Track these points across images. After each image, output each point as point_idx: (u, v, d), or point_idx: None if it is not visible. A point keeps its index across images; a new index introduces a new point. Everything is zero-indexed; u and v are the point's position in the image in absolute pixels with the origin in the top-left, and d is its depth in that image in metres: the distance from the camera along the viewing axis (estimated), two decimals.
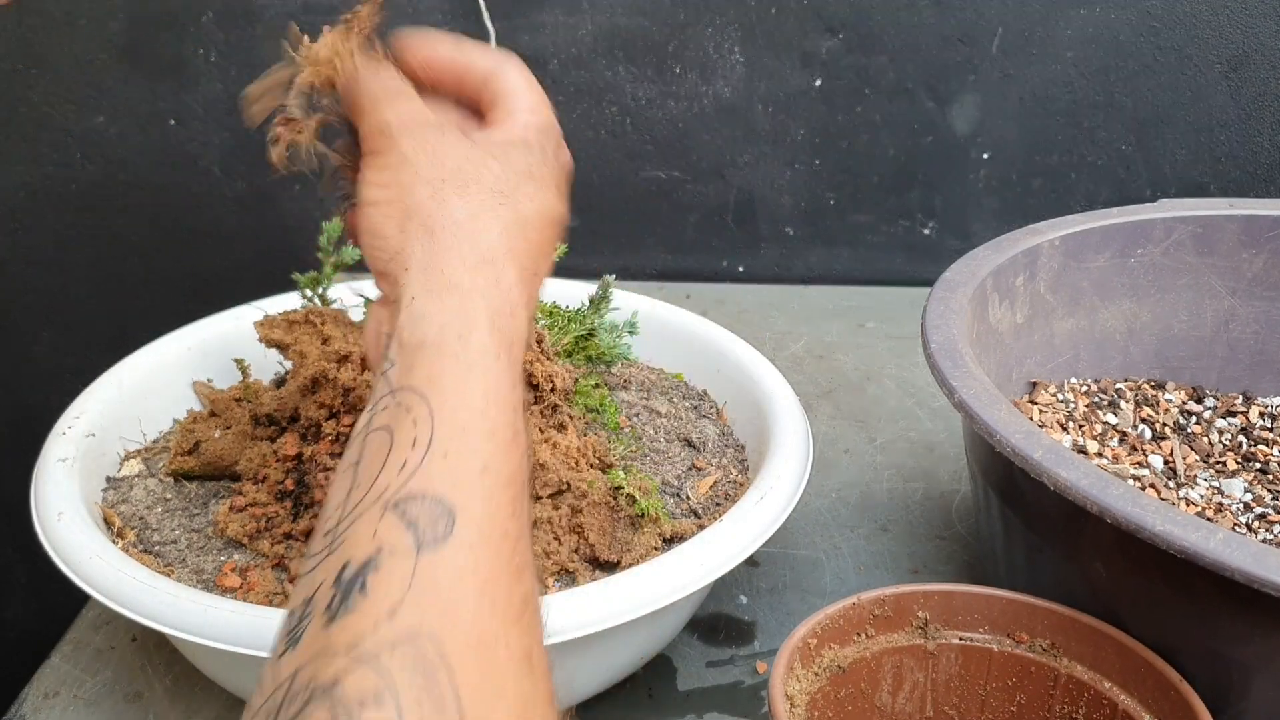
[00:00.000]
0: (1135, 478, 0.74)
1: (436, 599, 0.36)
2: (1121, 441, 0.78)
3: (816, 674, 0.55)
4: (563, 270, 0.86)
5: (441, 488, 0.38)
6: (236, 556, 0.67)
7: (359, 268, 0.84)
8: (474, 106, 0.53)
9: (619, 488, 0.68)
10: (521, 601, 0.38)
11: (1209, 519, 0.70)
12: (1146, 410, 0.81)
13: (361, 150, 0.50)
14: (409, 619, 0.35)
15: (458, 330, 0.43)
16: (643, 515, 0.67)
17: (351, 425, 0.69)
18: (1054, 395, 0.80)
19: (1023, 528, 0.63)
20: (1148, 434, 0.79)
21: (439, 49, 0.52)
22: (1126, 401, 0.81)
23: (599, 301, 0.81)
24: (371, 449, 0.41)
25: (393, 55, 0.52)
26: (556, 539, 0.66)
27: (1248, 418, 0.82)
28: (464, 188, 0.47)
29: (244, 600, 0.62)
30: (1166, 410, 0.82)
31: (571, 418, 0.73)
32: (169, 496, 0.72)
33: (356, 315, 0.79)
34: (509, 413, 0.42)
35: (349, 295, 0.80)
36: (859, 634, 0.57)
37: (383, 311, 0.50)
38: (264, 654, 0.55)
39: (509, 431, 0.42)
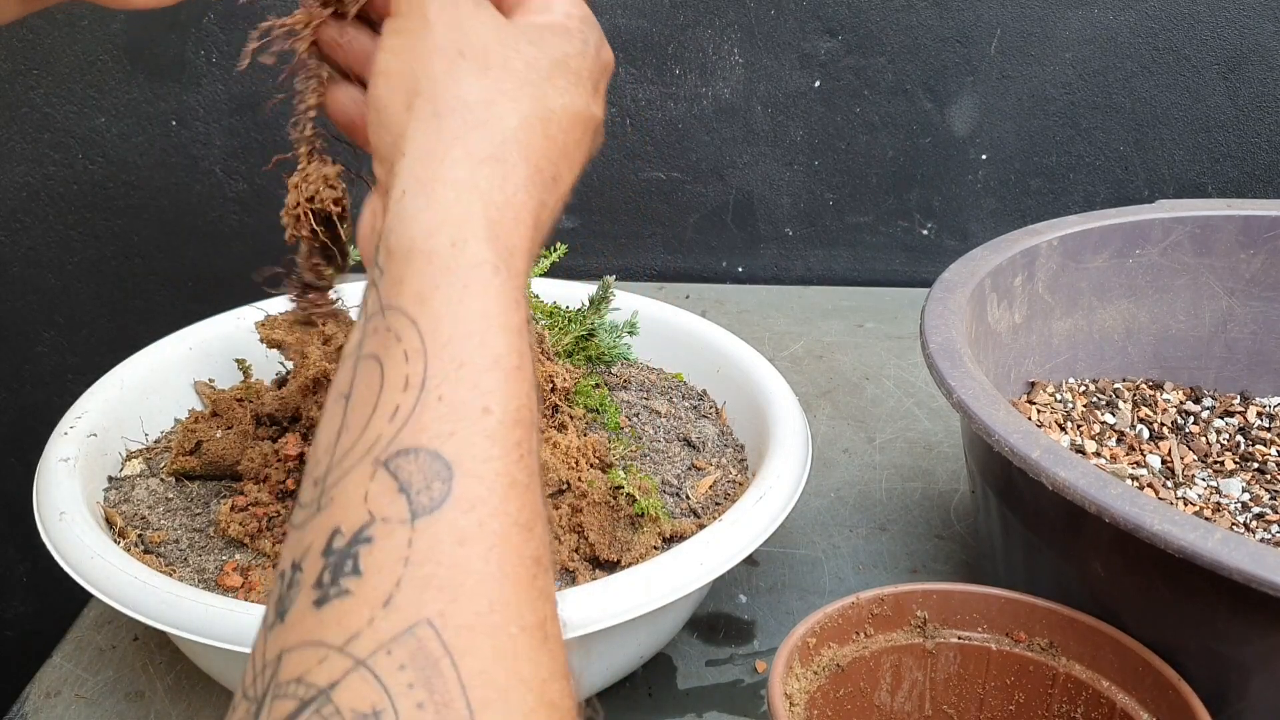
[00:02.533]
0: (1133, 477, 0.74)
1: (436, 575, 0.32)
2: (1119, 441, 0.78)
3: (815, 673, 0.55)
4: (563, 270, 0.87)
5: (436, 440, 0.34)
6: (238, 556, 0.67)
7: (360, 269, 0.84)
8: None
9: (619, 487, 0.68)
10: (534, 562, 0.34)
11: (1207, 518, 0.70)
12: (1144, 410, 0.81)
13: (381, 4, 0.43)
14: (406, 607, 0.31)
15: (450, 236, 0.37)
16: (642, 515, 0.67)
17: None
18: (1052, 395, 0.80)
19: (1021, 527, 0.63)
20: (1146, 434, 0.79)
21: None
22: (1124, 401, 0.81)
23: (599, 302, 0.81)
24: (362, 383, 0.36)
25: None
26: (556, 538, 0.66)
27: (1245, 418, 0.82)
28: (485, 69, 0.40)
29: (245, 600, 0.63)
30: (1164, 410, 0.82)
31: (572, 418, 0.73)
32: (170, 496, 0.72)
33: (357, 315, 0.79)
34: (512, 337, 0.37)
35: (350, 295, 0.80)
36: (858, 633, 0.57)
37: (379, 204, 0.43)
38: None
39: (514, 359, 0.36)
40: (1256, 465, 0.77)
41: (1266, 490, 0.74)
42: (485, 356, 0.36)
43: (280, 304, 0.84)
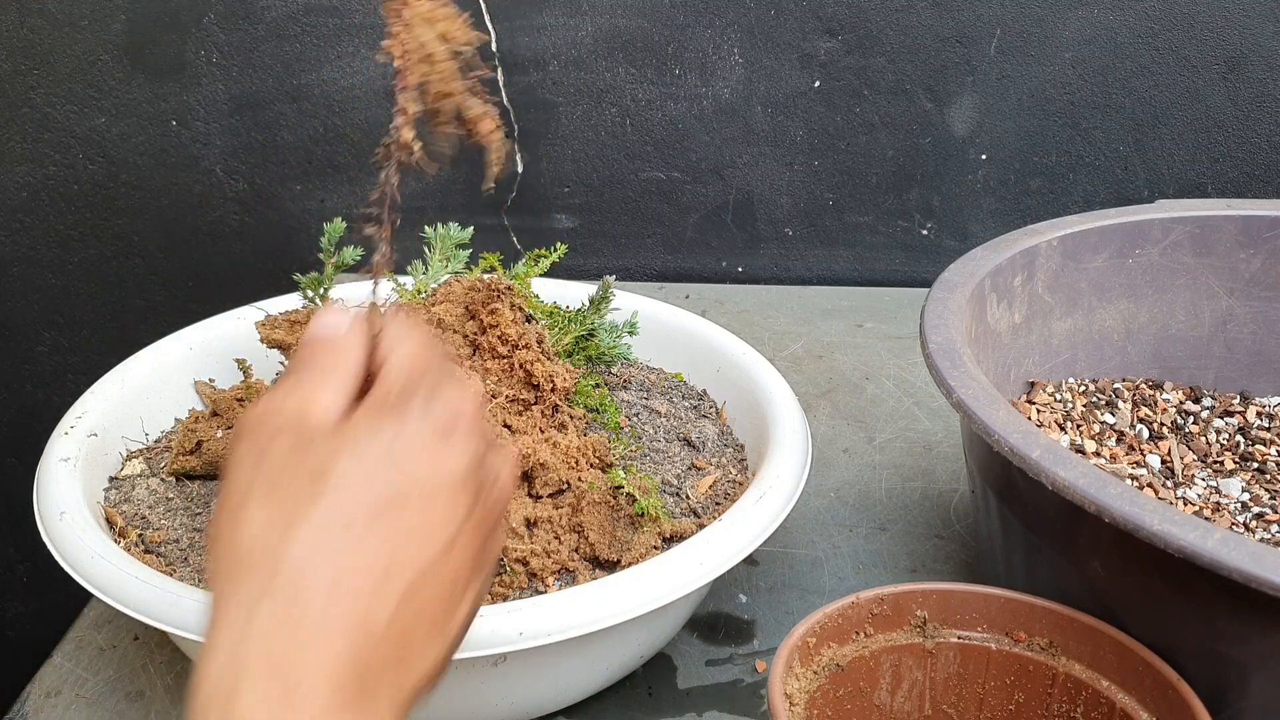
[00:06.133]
0: (1133, 477, 0.74)
1: None
2: (1119, 441, 0.78)
3: (815, 672, 0.56)
4: (563, 270, 0.87)
5: None
6: None
7: (360, 268, 0.85)
8: None
9: (619, 487, 0.68)
10: None
11: (1207, 518, 0.70)
12: (1144, 410, 0.81)
13: None
14: None
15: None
16: (642, 514, 0.67)
17: None
18: (1052, 395, 0.80)
19: (1021, 527, 0.63)
20: (1145, 434, 0.79)
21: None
22: (1124, 401, 0.81)
23: (599, 302, 0.81)
24: None
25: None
26: (556, 538, 0.66)
27: (1245, 417, 0.82)
28: (268, 495, 0.40)
29: None
30: (1164, 410, 0.82)
31: (572, 417, 0.73)
32: (171, 496, 0.72)
33: None
34: None
35: (350, 296, 0.80)
36: (858, 633, 0.57)
37: None
38: None
39: None
40: (1256, 465, 0.77)
41: (1266, 490, 0.74)
42: None
43: (280, 304, 0.84)
